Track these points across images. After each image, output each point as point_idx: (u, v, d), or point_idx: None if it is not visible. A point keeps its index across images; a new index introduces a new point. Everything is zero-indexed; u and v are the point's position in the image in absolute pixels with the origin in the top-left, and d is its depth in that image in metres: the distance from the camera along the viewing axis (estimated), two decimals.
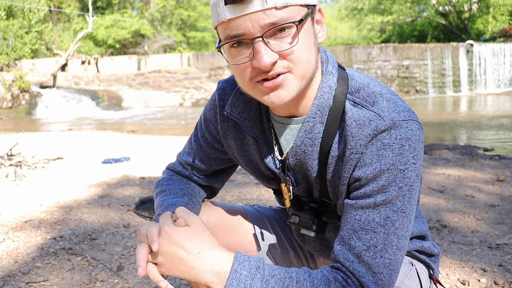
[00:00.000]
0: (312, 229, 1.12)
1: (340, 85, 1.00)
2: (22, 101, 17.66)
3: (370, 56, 20.54)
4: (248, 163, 1.19)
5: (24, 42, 21.89)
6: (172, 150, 6.45)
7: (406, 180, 0.91)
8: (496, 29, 27.29)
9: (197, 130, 1.28)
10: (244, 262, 0.88)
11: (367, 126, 0.92)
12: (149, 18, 28.77)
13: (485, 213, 3.17)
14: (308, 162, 1.04)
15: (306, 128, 1.01)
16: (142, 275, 0.90)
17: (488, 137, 8.34)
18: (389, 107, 0.94)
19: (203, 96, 21.12)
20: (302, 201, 1.16)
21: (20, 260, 2.33)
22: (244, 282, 0.86)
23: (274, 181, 1.19)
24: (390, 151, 0.90)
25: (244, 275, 0.86)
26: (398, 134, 0.91)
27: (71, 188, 4.02)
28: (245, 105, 1.10)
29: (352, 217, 0.94)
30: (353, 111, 0.96)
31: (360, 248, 0.92)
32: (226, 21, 0.88)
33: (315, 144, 1.02)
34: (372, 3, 32.22)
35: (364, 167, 0.93)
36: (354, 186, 0.96)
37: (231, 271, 0.87)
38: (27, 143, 7.46)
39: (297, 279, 0.90)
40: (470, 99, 18.99)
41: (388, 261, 0.92)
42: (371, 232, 0.92)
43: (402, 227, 0.93)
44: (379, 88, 0.99)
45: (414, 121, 0.93)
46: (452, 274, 2.15)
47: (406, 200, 0.93)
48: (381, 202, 0.92)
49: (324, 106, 0.99)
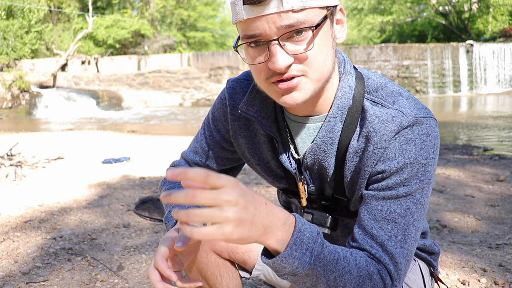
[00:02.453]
0: (326, 226, 1.13)
1: (358, 84, 1.02)
2: (22, 101, 17.66)
3: (370, 56, 20.54)
4: (259, 162, 1.19)
5: (24, 42, 21.88)
6: (172, 150, 6.45)
7: (427, 174, 0.95)
8: (496, 29, 27.27)
9: (204, 129, 1.27)
10: (305, 224, 0.83)
11: (390, 122, 0.95)
12: (149, 18, 28.76)
13: (485, 213, 3.17)
14: (327, 160, 1.06)
15: (327, 128, 1.02)
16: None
17: (488, 137, 8.34)
18: (410, 104, 0.98)
19: (203, 96, 21.12)
20: (312, 199, 1.16)
21: (20, 260, 2.33)
22: (307, 243, 0.82)
23: (284, 180, 1.18)
24: (413, 145, 0.94)
25: (307, 236, 0.82)
26: (420, 130, 0.95)
27: (71, 188, 4.02)
28: (262, 103, 1.10)
29: (373, 207, 0.96)
30: (374, 109, 0.98)
31: (383, 238, 0.94)
32: (244, 20, 0.89)
33: (334, 142, 1.03)
34: (372, 3, 32.21)
35: (388, 161, 0.96)
36: (375, 179, 0.98)
37: (295, 229, 0.80)
38: (27, 143, 7.46)
39: (344, 255, 0.89)
40: (470, 99, 18.99)
41: (406, 251, 0.95)
42: (392, 223, 0.95)
43: (420, 219, 0.97)
44: (397, 87, 1.02)
45: (433, 118, 0.98)
46: (452, 274, 2.15)
47: (425, 193, 0.96)
48: (402, 194, 0.95)
49: (345, 105, 1.01)
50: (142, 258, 2.38)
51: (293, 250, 0.80)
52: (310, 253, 0.82)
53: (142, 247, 2.54)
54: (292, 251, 0.80)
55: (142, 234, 2.75)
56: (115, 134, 9.62)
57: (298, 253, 0.80)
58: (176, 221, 1.08)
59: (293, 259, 0.80)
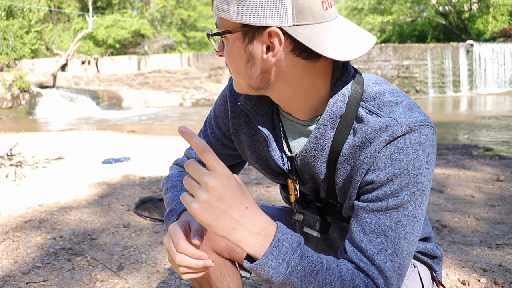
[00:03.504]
0: (315, 229, 1.12)
1: (355, 91, 1.00)
2: (22, 101, 17.66)
3: (370, 56, 20.53)
4: (258, 159, 1.19)
5: (24, 42, 21.87)
6: (172, 150, 6.45)
7: (419, 185, 0.92)
8: (496, 29, 27.28)
9: (206, 126, 1.28)
10: (287, 234, 0.86)
11: (383, 132, 0.93)
12: (149, 18, 28.76)
13: (485, 213, 3.17)
14: (317, 165, 1.05)
15: (317, 134, 1.01)
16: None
17: (488, 137, 8.34)
18: (405, 114, 0.94)
19: (203, 96, 21.12)
20: (308, 199, 1.16)
21: (20, 260, 2.33)
22: (284, 254, 0.84)
23: (282, 177, 1.19)
24: (404, 155, 0.91)
25: (285, 247, 0.84)
26: (412, 139, 0.91)
27: (71, 188, 4.02)
28: (259, 99, 1.11)
29: (363, 219, 0.94)
30: (369, 118, 0.96)
31: (371, 251, 0.92)
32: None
33: (325, 149, 1.02)
34: (372, 3, 32.22)
35: (378, 170, 0.93)
36: (365, 189, 0.96)
37: (274, 239, 0.83)
38: (27, 143, 7.46)
39: (328, 266, 0.89)
40: (470, 99, 18.99)
41: (398, 265, 0.93)
42: (382, 236, 0.92)
43: (413, 231, 0.94)
44: (395, 97, 0.99)
45: (429, 126, 0.94)
46: (452, 274, 2.15)
47: (418, 205, 0.93)
48: (392, 206, 0.92)
49: (336, 114, 0.99)
50: (142, 258, 2.38)
51: (269, 259, 0.83)
52: (286, 264, 0.84)
53: (142, 247, 2.54)
54: (267, 260, 0.83)
55: (142, 234, 2.75)
56: (115, 134, 9.62)
57: (274, 262, 0.83)
58: (178, 218, 1.09)
59: (268, 267, 0.83)
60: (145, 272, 2.21)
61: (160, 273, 2.21)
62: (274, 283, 0.85)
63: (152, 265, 2.29)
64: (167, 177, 1.29)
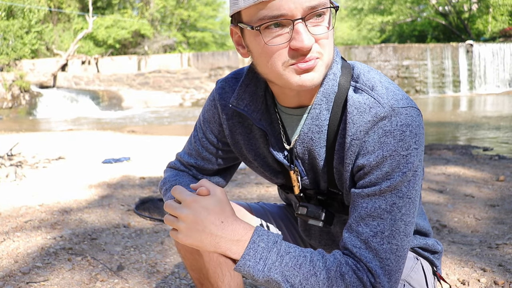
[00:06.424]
0: (320, 219, 1.13)
1: (344, 73, 1.03)
2: (23, 101, 17.66)
3: (370, 56, 20.54)
4: (256, 157, 1.20)
5: (24, 42, 21.87)
6: (172, 150, 6.45)
7: (410, 165, 0.93)
8: (496, 29, 27.27)
9: (196, 131, 1.29)
10: (263, 235, 0.93)
11: (367, 113, 0.95)
12: (149, 18, 28.76)
13: (485, 213, 3.17)
14: (316, 149, 1.06)
15: (312, 115, 1.03)
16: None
17: (488, 137, 8.34)
18: (388, 94, 0.96)
19: (203, 96, 21.12)
20: (309, 194, 1.17)
21: (20, 260, 2.33)
22: (260, 253, 0.91)
23: (281, 175, 1.19)
24: (391, 137, 0.93)
25: (261, 247, 0.91)
26: (398, 121, 0.93)
27: (71, 188, 4.02)
28: (251, 97, 1.11)
29: (359, 205, 0.96)
30: (354, 97, 0.98)
31: (367, 234, 0.93)
32: (266, 1, 0.88)
33: (322, 131, 1.03)
34: (372, 3, 32.23)
35: (367, 155, 0.95)
36: (359, 175, 0.97)
37: (249, 242, 0.91)
38: (28, 143, 7.46)
39: (311, 258, 0.93)
40: (470, 99, 18.99)
41: (395, 247, 0.94)
42: (378, 219, 0.94)
43: (409, 213, 0.95)
44: (379, 76, 1.01)
45: (413, 107, 0.96)
46: (452, 274, 2.15)
47: (411, 186, 0.94)
48: (386, 189, 0.93)
49: (329, 92, 1.01)
50: (142, 258, 2.38)
51: (246, 260, 0.91)
52: (263, 262, 0.91)
53: (142, 247, 2.54)
54: (245, 261, 0.91)
55: (142, 234, 2.76)
56: (115, 134, 9.62)
57: (251, 262, 0.91)
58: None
59: (248, 268, 0.91)
60: (145, 272, 2.21)
61: (160, 273, 2.21)
62: (259, 281, 0.91)
63: (152, 265, 2.29)
64: (164, 180, 1.31)
